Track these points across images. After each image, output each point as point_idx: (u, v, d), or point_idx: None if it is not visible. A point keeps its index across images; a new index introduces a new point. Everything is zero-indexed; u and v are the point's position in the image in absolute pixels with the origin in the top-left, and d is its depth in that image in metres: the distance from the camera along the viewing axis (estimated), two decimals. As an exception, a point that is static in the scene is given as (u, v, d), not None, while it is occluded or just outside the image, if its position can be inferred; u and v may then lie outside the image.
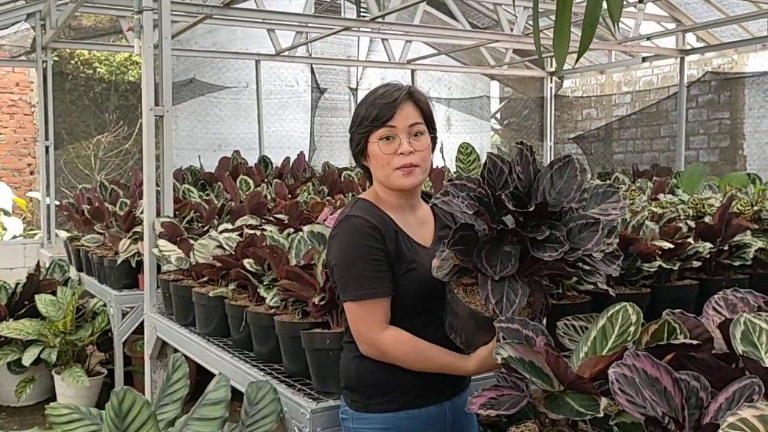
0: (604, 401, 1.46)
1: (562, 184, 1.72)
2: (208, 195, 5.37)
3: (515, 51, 8.98)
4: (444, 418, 1.93)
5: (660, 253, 2.70)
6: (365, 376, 1.90)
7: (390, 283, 1.84)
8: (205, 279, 3.23)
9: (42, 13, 6.66)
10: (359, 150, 1.92)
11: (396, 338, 1.83)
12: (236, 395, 2.54)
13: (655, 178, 5.82)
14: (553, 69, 9.37)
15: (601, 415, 1.44)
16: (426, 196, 2.03)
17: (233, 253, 3.07)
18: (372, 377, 1.89)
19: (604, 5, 1.17)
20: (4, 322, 4.84)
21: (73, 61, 9.23)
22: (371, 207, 1.91)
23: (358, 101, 1.97)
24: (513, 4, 7.10)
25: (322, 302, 2.36)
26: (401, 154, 1.84)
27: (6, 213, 8.27)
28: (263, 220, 3.82)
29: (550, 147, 9.59)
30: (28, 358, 4.63)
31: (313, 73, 9.88)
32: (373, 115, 1.85)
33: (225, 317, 2.98)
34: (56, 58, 8.36)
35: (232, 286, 3.01)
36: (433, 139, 1.95)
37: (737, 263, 2.94)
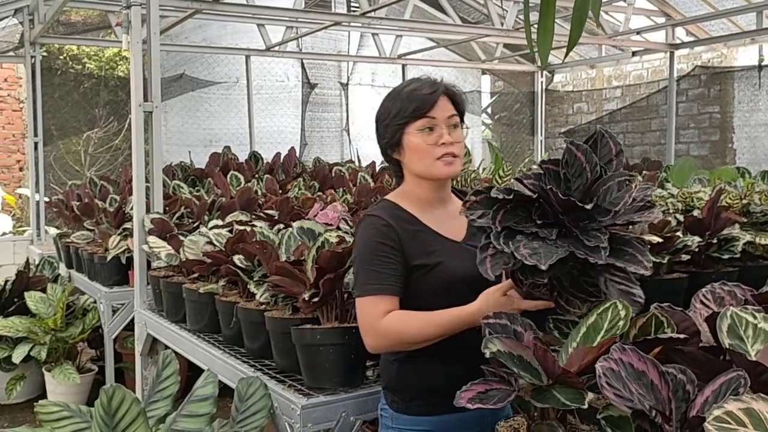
0: (590, 394, 1.47)
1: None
2: (198, 191, 5.35)
3: (506, 45, 8.98)
4: (483, 420, 1.87)
5: (649, 246, 2.71)
6: (406, 379, 1.91)
7: (397, 281, 1.83)
8: (196, 275, 3.22)
9: (30, 8, 6.61)
10: (393, 143, 1.92)
11: (393, 315, 1.81)
12: (228, 391, 2.54)
13: (645, 171, 5.83)
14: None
15: (586, 406, 1.45)
16: (458, 192, 2.04)
17: (223, 249, 3.06)
18: (412, 381, 1.90)
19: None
20: (-6, 319, 4.82)
21: (62, 57, 9.17)
22: (391, 206, 1.93)
23: (387, 97, 1.95)
24: (503, -2, 7.11)
25: (313, 298, 2.35)
26: (443, 144, 1.87)
27: (-5, 210, 8.23)
28: (254, 216, 3.80)
29: (541, 141, 9.60)
30: (18, 356, 4.61)
31: (303, 68, 9.84)
32: (413, 107, 1.87)
33: (215, 313, 2.97)
34: (45, 54, 8.32)
35: (222, 283, 3.01)
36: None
37: (726, 256, 2.95)
